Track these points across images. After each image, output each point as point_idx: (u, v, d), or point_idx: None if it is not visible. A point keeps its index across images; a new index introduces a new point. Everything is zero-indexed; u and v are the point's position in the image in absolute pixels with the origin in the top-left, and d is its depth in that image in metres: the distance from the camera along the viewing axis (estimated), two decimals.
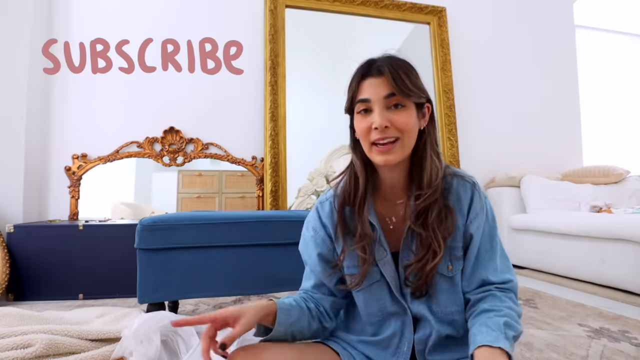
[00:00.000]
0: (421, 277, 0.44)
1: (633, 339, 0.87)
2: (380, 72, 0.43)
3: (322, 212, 0.51)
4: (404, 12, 2.02)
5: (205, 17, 1.79)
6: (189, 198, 1.69)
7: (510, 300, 0.44)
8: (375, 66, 0.44)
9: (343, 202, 0.48)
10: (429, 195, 0.43)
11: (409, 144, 0.44)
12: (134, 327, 0.70)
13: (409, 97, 0.43)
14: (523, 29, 2.24)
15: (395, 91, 0.42)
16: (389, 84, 0.42)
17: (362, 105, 0.44)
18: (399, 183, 0.47)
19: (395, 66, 0.43)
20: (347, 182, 0.48)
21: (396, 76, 0.42)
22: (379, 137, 0.43)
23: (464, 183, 0.46)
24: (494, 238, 0.47)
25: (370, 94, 0.43)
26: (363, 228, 0.46)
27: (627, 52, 2.66)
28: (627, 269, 1.28)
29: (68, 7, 1.63)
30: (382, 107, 0.43)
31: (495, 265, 0.46)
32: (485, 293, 0.45)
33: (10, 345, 0.72)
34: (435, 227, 0.43)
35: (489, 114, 2.14)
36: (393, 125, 0.43)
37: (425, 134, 0.46)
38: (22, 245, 1.28)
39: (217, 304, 1.21)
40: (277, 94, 1.77)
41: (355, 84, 0.45)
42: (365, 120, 0.44)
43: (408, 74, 0.43)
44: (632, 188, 1.90)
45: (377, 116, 0.42)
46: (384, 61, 0.44)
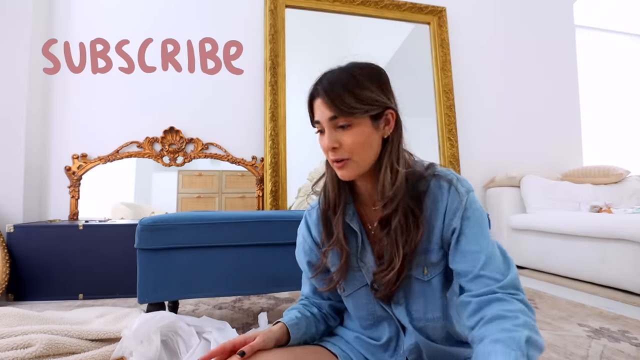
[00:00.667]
0: (386, 286, 0.44)
1: (633, 339, 0.87)
2: (320, 94, 0.43)
3: (310, 219, 0.52)
4: (404, 12, 2.02)
5: (205, 17, 1.79)
6: (189, 198, 1.69)
7: (521, 302, 0.39)
8: (318, 87, 0.43)
9: (325, 209, 0.49)
10: (384, 205, 0.43)
11: (363, 160, 0.43)
12: (134, 327, 0.70)
13: (352, 115, 0.41)
14: (523, 28, 2.24)
15: (335, 113, 0.41)
16: (329, 106, 0.42)
17: (317, 126, 0.45)
18: (372, 190, 0.46)
19: (335, 84, 0.42)
20: (322, 192, 0.49)
21: (334, 97, 0.41)
22: (333, 158, 0.43)
23: (441, 183, 0.44)
24: (484, 232, 0.43)
25: (318, 115, 0.43)
26: (338, 234, 0.46)
27: (627, 52, 2.66)
28: (627, 269, 1.28)
29: (68, 7, 1.64)
30: (330, 127, 0.43)
31: (490, 260, 0.41)
32: (489, 295, 0.39)
33: (11, 345, 0.72)
34: (397, 236, 0.43)
35: (489, 114, 2.14)
36: (342, 146, 0.43)
37: (387, 143, 0.44)
38: (22, 245, 1.28)
39: (217, 304, 1.21)
40: (277, 94, 1.77)
41: (308, 105, 0.45)
42: (322, 140, 0.45)
43: (351, 90, 0.41)
44: (632, 188, 1.91)
45: (326, 139, 0.43)
46: (323, 81, 0.43)
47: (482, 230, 0.42)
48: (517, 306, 0.38)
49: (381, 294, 0.45)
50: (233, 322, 1.03)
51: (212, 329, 0.76)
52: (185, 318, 0.78)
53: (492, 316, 0.37)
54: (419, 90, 2.01)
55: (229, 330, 0.78)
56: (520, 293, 0.40)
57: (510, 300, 0.38)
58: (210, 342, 0.73)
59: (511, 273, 0.41)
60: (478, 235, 0.42)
